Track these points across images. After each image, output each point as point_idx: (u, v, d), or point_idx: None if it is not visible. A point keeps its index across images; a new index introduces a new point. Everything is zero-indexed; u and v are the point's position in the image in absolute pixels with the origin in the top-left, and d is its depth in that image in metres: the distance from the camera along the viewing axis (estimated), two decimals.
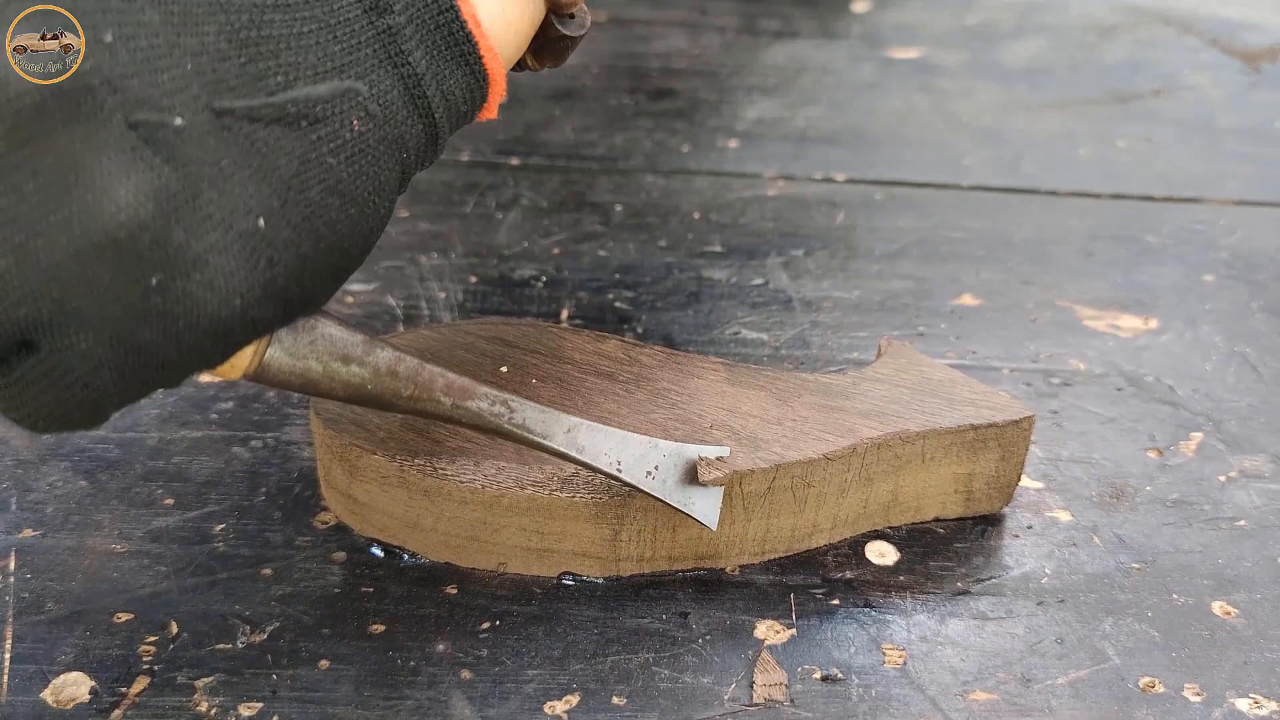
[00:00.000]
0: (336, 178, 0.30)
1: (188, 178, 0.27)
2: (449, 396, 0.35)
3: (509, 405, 0.35)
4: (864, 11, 1.09)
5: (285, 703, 0.34)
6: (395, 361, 0.34)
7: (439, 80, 0.32)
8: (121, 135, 0.26)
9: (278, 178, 0.28)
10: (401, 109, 0.31)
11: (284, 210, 0.29)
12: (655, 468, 0.36)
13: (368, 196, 0.31)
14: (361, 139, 0.30)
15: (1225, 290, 0.59)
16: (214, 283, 0.27)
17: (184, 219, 0.27)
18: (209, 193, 0.27)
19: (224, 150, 0.27)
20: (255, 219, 0.28)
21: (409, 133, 0.32)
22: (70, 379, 0.27)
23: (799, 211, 0.67)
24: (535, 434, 0.36)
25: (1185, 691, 0.35)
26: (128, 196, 0.26)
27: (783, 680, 0.35)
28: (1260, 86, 0.91)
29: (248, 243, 0.28)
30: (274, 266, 0.29)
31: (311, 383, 0.33)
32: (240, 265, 0.28)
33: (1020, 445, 0.41)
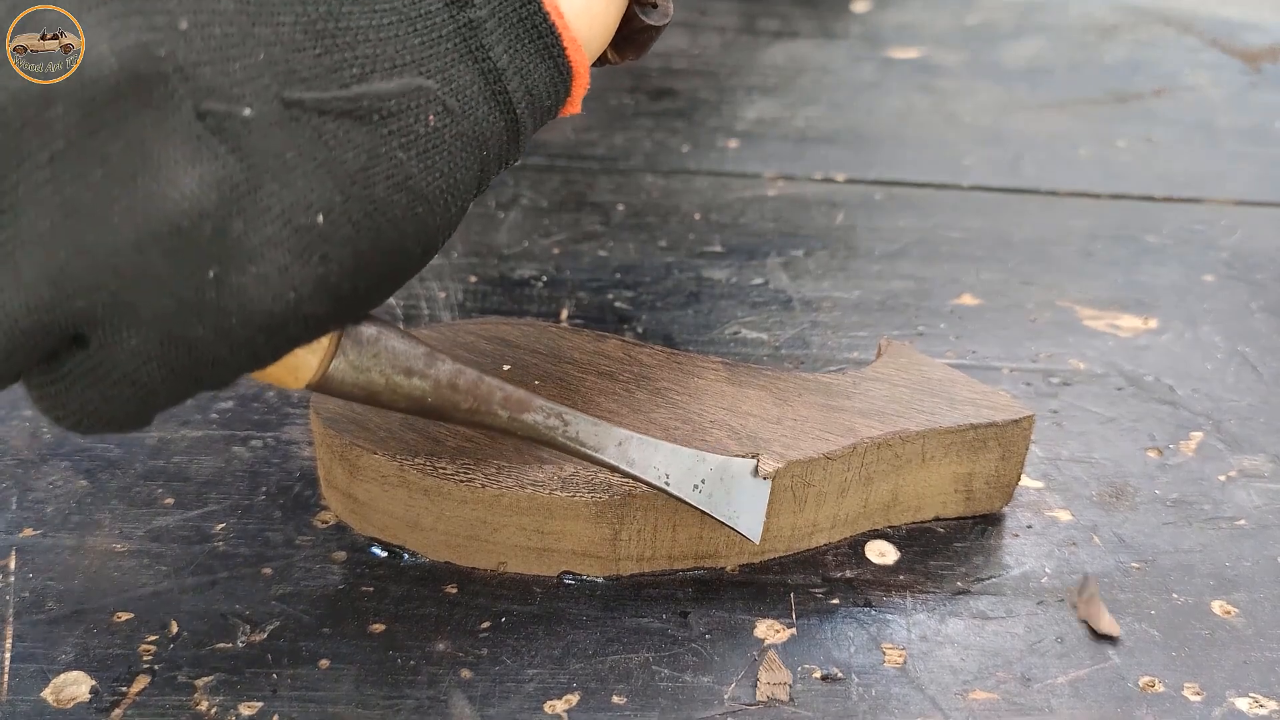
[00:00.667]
0: (406, 173, 0.29)
1: (252, 169, 0.26)
2: (506, 410, 0.35)
3: (563, 419, 0.35)
4: (864, 11, 1.09)
5: (285, 702, 0.34)
6: (455, 375, 0.34)
7: (522, 75, 0.31)
8: (190, 123, 0.25)
9: (343, 172, 0.28)
10: (482, 104, 0.30)
11: (345, 206, 0.28)
12: (702, 481, 0.37)
13: (439, 195, 0.30)
14: (437, 134, 0.29)
15: (1225, 290, 0.59)
16: (268, 277, 0.27)
17: (245, 210, 0.26)
18: (271, 185, 0.27)
19: (290, 142, 0.27)
20: (315, 214, 0.27)
21: (490, 129, 0.31)
22: (117, 375, 0.27)
23: (799, 211, 0.67)
24: (588, 447, 0.36)
25: (1185, 691, 0.35)
26: (192, 185, 0.25)
27: (787, 680, 0.35)
28: (1260, 86, 0.91)
29: (304, 238, 0.27)
30: (328, 263, 0.28)
31: (374, 395, 0.33)
32: (294, 260, 0.27)
33: (1020, 445, 0.41)
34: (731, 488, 0.37)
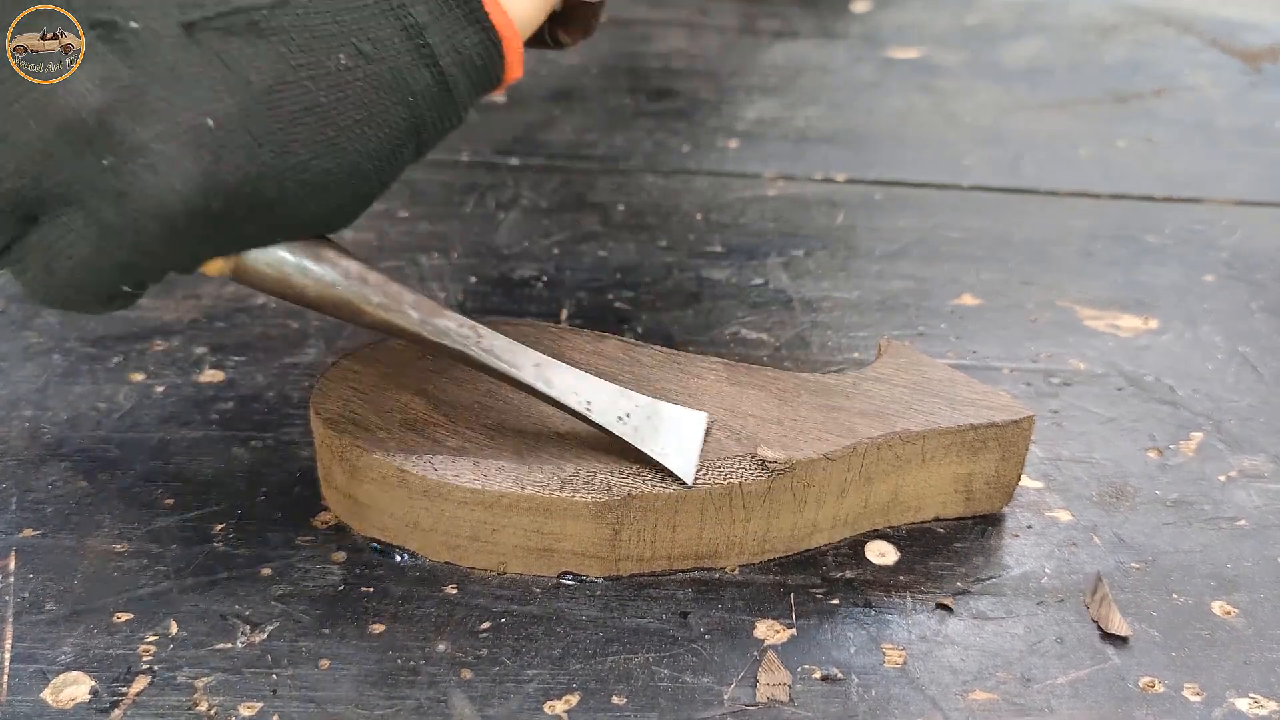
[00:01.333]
0: (313, 100, 0.32)
1: (139, 74, 0.30)
2: (417, 311, 0.35)
3: (477, 331, 0.36)
4: (864, 11, 1.09)
5: (285, 702, 0.34)
6: (365, 270, 0.35)
7: (447, 35, 0.34)
8: (84, 31, 0.29)
9: (246, 90, 0.31)
10: (404, 55, 0.33)
11: (243, 117, 0.31)
12: (627, 414, 0.37)
13: (354, 124, 0.33)
14: (349, 72, 0.32)
15: (1225, 290, 0.59)
16: (155, 166, 0.30)
17: (129, 109, 0.30)
18: (157, 90, 0.30)
19: (183, 58, 0.30)
20: (204, 119, 0.30)
21: (413, 79, 0.34)
22: (57, 250, 0.31)
23: (799, 211, 0.67)
24: (503, 362, 0.36)
25: (1185, 691, 0.35)
26: (79, 84, 0.29)
27: (786, 680, 0.35)
28: (1260, 86, 0.91)
29: (194, 137, 0.30)
30: (219, 162, 0.30)
31: (284, 276, 0.34)
32: (183, 155, 0.30)
33: (1020, 445, 0.41)
34: (659, 426, 0.37)
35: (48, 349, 0.50)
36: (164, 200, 0.30)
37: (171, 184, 0.30)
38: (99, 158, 0.30)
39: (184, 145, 0.30)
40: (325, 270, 0.35)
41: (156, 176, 0.30)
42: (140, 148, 0.30)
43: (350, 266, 0.35)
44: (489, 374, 0.36)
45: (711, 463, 0.39)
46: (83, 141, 0.30)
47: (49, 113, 0.29)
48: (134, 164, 0.30)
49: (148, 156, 0.30)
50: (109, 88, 0.29)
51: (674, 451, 0.37)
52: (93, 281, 0.32)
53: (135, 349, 0.51)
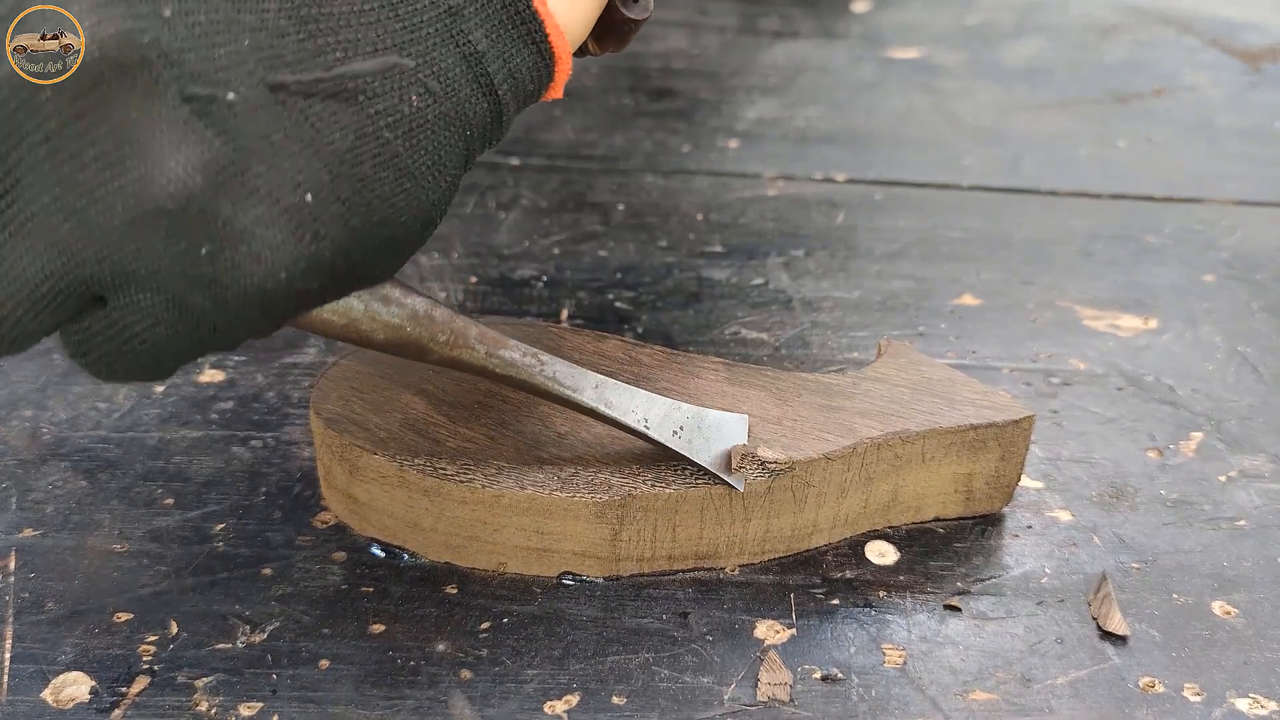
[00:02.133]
0: (392, 151, 0.30)
1: (237, 151, 0.27)
2: (483, 345, 0.35)
3: (539, 358, 0.36)
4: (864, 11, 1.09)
5: (285, 702, 0.34)
6: (431, 307, 0.34)
7: (504, 58, 0.33)
8: (175, 108, 0.26)
9: (330, 152, 0.29)
10: (464, 86, 0.32)
11: (334, 184, 0.29)
12: (681, 427, 0.37)
13: (426, 171, 0.31)
14: (420, 114, 0.31)
15: (1225, 290, 0.59)
16: (260, 255, 0.28)
17: (231, 192, 0.27)
18: (258, 166, 0.28)
19: (276, 124, 0.28)
20: (303, 194, 0.28)
21: (473, 109, 0.32)
22: (130, 334, 0.28)
23: (799, 211, 0.67)
24: (565, 387, 0.36)
25: (1185, 691, 0.35)
26: (178, 169, 0.26)
27: (787, 680, 0.35)
28: (1260, 86, 0.91)
29: (294, 217, 0.28)
30: (319, 240, 0.29)
31: (353, 323, 0.33)
32: (286, 239, 0.28)
33: (1020, 445, 0.41)
34: (710, 436, 0.38)
35: (48, 349, 0.50)
36: (265, 287, 0.28)
37: (275, 272, 0.28)
38: (196, 245, 0.27)
39: (284, 228, 0.28)
40: (393, 313, 0.34)
41: (259, 265, 0.28)
42: (242, 234, 0.28)
43: (417, 305, 0.34)
44: (550, 399, 0.37)
45: None
46: (180, 229, 0.27)
47: (143, 198, 0.26)
48: (235, 252, 0.28)
49: (250, 244, 0.28)
50: (209, 172, 0.27)
51: (722, 460, 0.38)
52: (168, 361, 0.30)
53: None
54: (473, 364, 0.35)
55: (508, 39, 0.32)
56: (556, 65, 0.34)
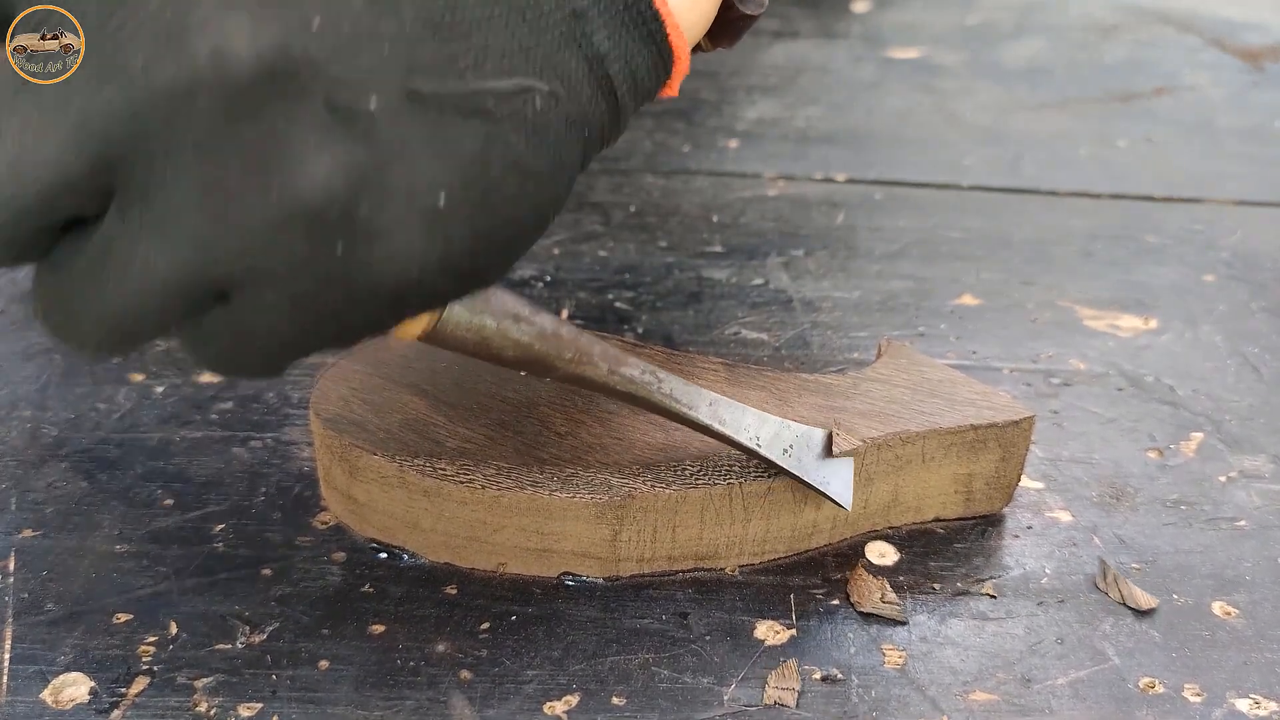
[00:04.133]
0: (517, 154, 0.31)
1: (377, 156, 0.28)
2: (605, 362, 0.36)
3: (657, 375, 0.37)
4: (864, 11, 1.09)
5: (285, 703, 0.34)
6: (559, 325, 0.35)
7: (625, 59, 0.33)
8: (320, 115, 0.27)
9: (461, 156, 0.29)
10: (586, 88, 0.32)
11: (464, 188, 0.30)
12: (790, 446, 0.38)
13: (548, 173, 0.32)
14: (543, 117, 0.31)
15: (1225, 290, 0.59)
16: (394, 255, 0.29)
17: (370, 194, 0.28)
18: (395, 169, 0.28)
19: (412, 130, 0.29)
20: (436, 196, 0.29)
21: (593, 110, 0.32)
22: (252, 332, 0.29)
23: (799, 211, 0.67)
24: (681, 404, 0.37)
25: (1185, 692, 0.35)
26: (321, 172, 0.27)
27: (795, 686, 0.35)
28: (1260, 86, 0.91)
29: (427, 219, 0.29)
30: (450, 242, 0.29)
31: (485, 340, 0.34)
32: (419, 239, 0.29)
33: (1020, 445, 0.41)
34: (819, 455, 0.38)
35: (48, 349, 0.50)
36: (395, 285, 0.29)
37: (408, 270, 0.29)
38: (331, 245, 0.28)
39: (419, 230, 0.29)
40: (524, 331, 0.34)
41: (394, 263, 0.29)
42: (378, 234, 0.28)
43: (545, 324, 0.35)
44: (665, 415, 0.37)
45: (711, 462, 0.39)
46: (318, 229, 0.28)
47: (286, 200, 0.27)
48: (369, 252, 0.28)
49: (386, 244, 0.28)
50: (350, 175, 0.28)
51: (833, 478, 0.38)
52: (283, 358, 0.30)
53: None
54: (595, 380, 0.36)
55: (629, 39, 0.33)
56: (675, 64, 0.34)
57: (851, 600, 0.38)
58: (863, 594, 0.38)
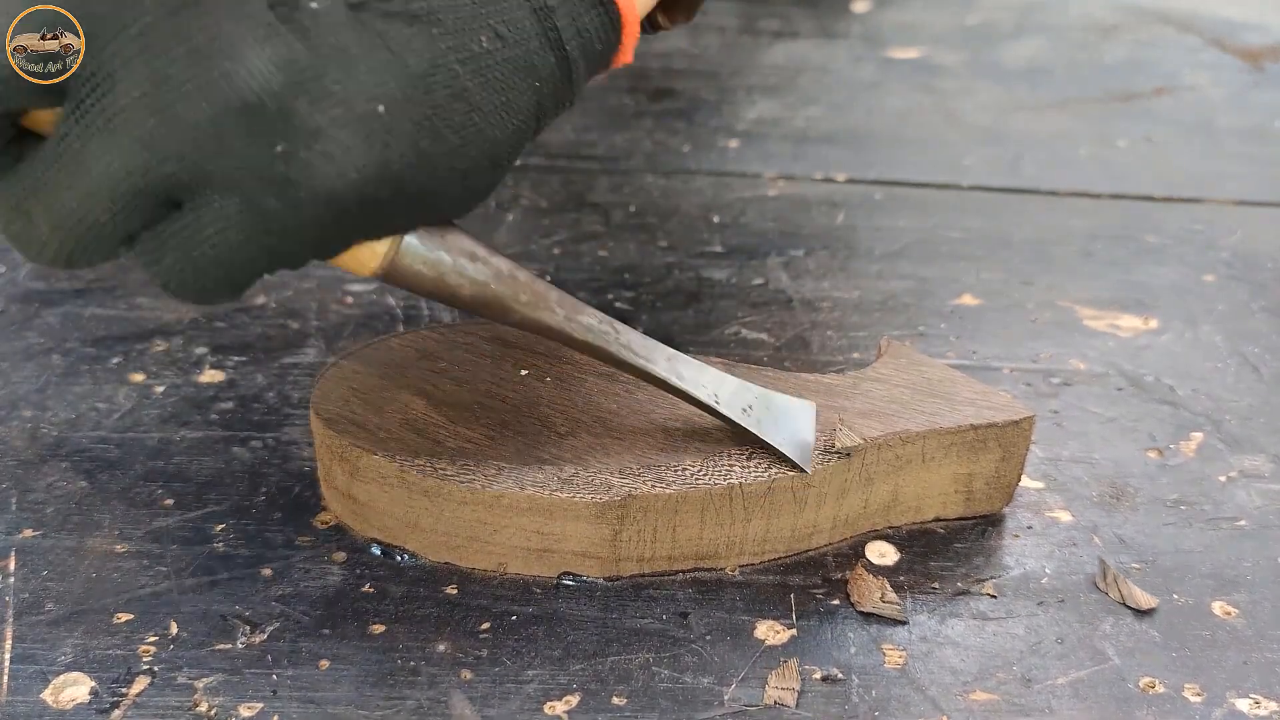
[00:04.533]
0: (462, 85, 0.32)
1: (317, 56, 0.29)
2: (562, 309, 0.36)
3: (615, 327, 0.37)
4: (864, 11, 1.09)
5: (285, 703, 0.34)
6: (515, 268, 0.35)
7: (572, 16, 0.34)
8: (262, 11, 0.28)
9: (405, 73, 0.30)
10: (533, 38, 0.33)
11: (406, 103, 0.30)
12: (750, 406, 0.38)
13: (494, 110, 0.33)
14: (489, 55, 0.32)
15: (1225, 290, 0.59)
16: (332, 154, 0.29)
17: (309, 92, 0.29)
18: (334, 73, 0.29)
19: (354, 39, 0.30)
20: (375, 105, 0.30)
21: (541, 62, 0.34)
22: (202, 238, 0.29)
23: (799, 211, 0.67)
24: (639, 356, 0.37)
25: (1185, 691, 0.35)
26: (261, 66, 0.28)
27: (795, 686, 0.35)
28: (1261, 86, 0.91)
29: (366, 123, 0.30)
30: (388, 149, 0.30)
31: (441, 276, 0.34)
32: (357, 143, 0.29)
33: (1020, 445, 0.41)
34: (778, 417, 0.38)
35: (48, 349, 0.50)
36: (334, 189, 0.29)
37: (345, 172, 0.29)
38: (271, 144, 0.28)
39: (357, 132, 0.29)
40: (480, 270, 0.34)
41: (331, 164, 0.29)
42: (316, 133, 0.29)
43: (501, 265, 0.35)
44: (623, 369, 0.37)
45: (711, 462, 0.39)
46: (258, 126, 0.28)
47: (226, 93, 0.28)
48: (309, 151, 0.29)
49: (323, 144, 0.29)
50: (290, 70, 0.28)
51: (790, 442, 0.38)
52: (237, 269, 0.31)
53: (135, 349, 0.51)
54: (551, 326, 0.36)
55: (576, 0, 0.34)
56: (624, 28, 0.35)
57: (851, 600, 0.38)
58: (863, 593, 0.38)
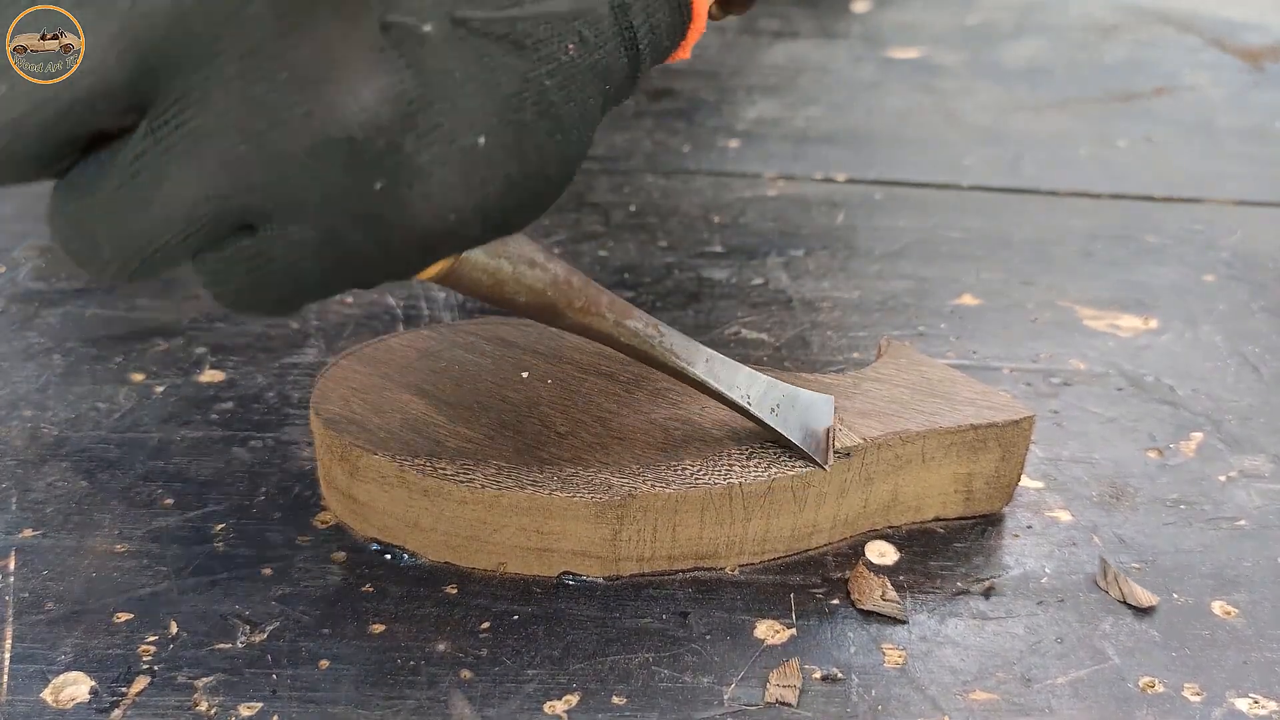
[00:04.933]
0: (549, 100, 0.30)
1: (425, 85, 0.27)
2: (611, 313, 0.37)
3: (659, 330, 0.38)
4: (864, 11, 1.09)
5: (285, 702, 0.34)
6: (570, 272, 0.36)
7: (647, 12, 0.33)
8: (374, 35, 0.26)
9: (499, 95, 0.28)
10: (612, 38, 0.32)
11: (500, 129, 0.28)
12: (778, 405, 0.39)
13: (574, 123, 0.31)
14: (573, 64, 0.30)
15: (1225, 290, 0.59)
16: (431, 194, 0.27)
17: (416, 126, 0.27)
18: (441, 104, 0.27)
19: (458, 61, 0.27)
20: (477, 136, 0.28)
21: (615, 63, 0.32)
22: (275, 265, 0.27)
23: (799, 211, 0.67)
24: (680, 359, 0.38)
25: (1185, 691, 0.35)
26: (370, 98, 0.26)
27: (797, 684, 0.35)
28: (1261, 86, 0.91)
29: (467, 159, 0.28)
30: (486, 186, 0.28)
31: (500, 284, 0.34)
32: (457, 182, 0.28)
33: (1020, 445, 0.41)
34: (803, 416, 0.39)
35: (48, 349, 0.50)
36: (429, 228, 0.28)
37: (444, 214, 0.28)
38: (370, 180, 0.26)
39: (458, 170, 0.27)
40: (537, 276, 0.34)
41: (429, 204, 0.27)
42: (418, 171, 0.27)
43: (558, 271, 0.35)
44: (664, 369, 0.38)
45: (711, 462, 0.39)
46: (358, 161, 0.26)
47: (329, 126, 0.25)
48: (408, 190, 0.27)
49: (424, 183, 0.27)
50: (399, 103, 0.26)
51: (812, 439, 0.39)
52: (305, 294, 0.29)
53: (135, 349, 0.51)
54: (601, 330, 0.37)
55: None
56: (693, 23, 0.34)
57: (852, 598, 0.38)
58: (863, 591, 0.38)
